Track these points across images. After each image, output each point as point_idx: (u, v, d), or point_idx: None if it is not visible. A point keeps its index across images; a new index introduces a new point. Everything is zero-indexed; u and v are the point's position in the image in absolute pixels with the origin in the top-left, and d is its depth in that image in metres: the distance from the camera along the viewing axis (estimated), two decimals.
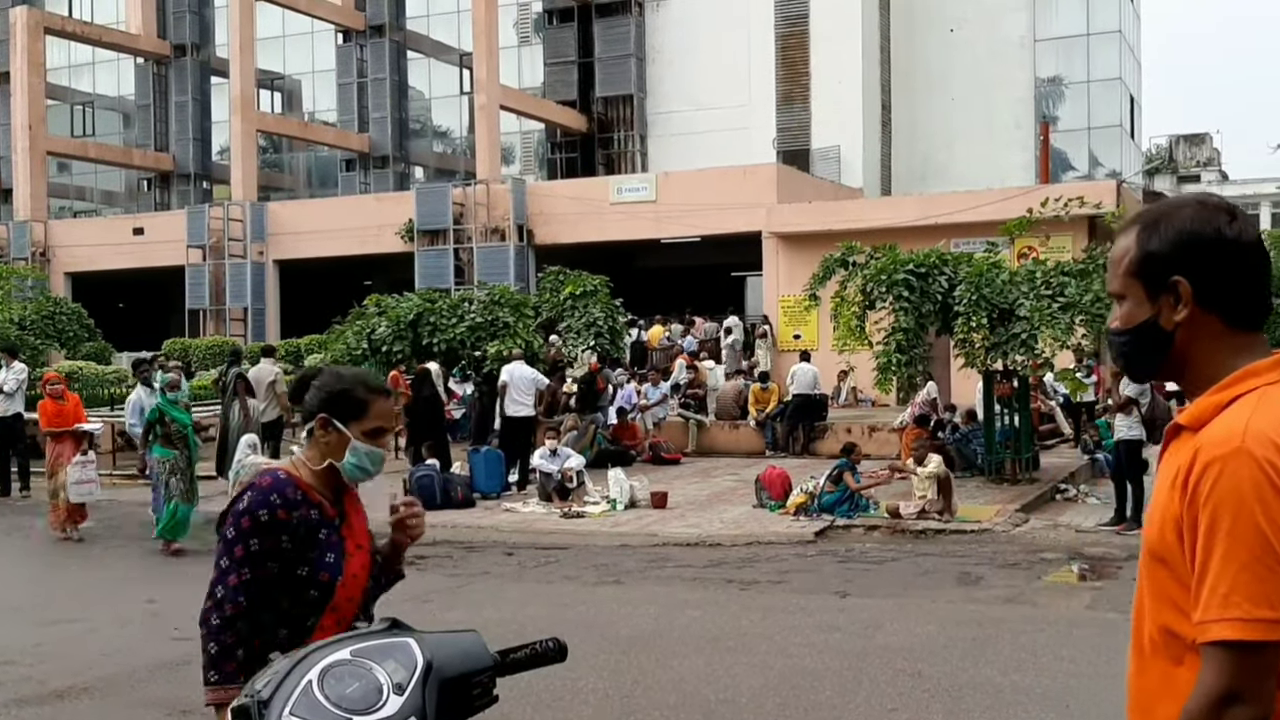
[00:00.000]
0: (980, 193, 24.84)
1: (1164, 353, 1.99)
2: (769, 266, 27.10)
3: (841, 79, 34.23)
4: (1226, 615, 1.77)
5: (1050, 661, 7.85)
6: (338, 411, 3.16)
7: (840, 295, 16.44)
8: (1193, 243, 1.93)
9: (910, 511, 13.68)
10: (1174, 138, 56.27)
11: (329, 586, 3.09)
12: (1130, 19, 39.30)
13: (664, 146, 36.93)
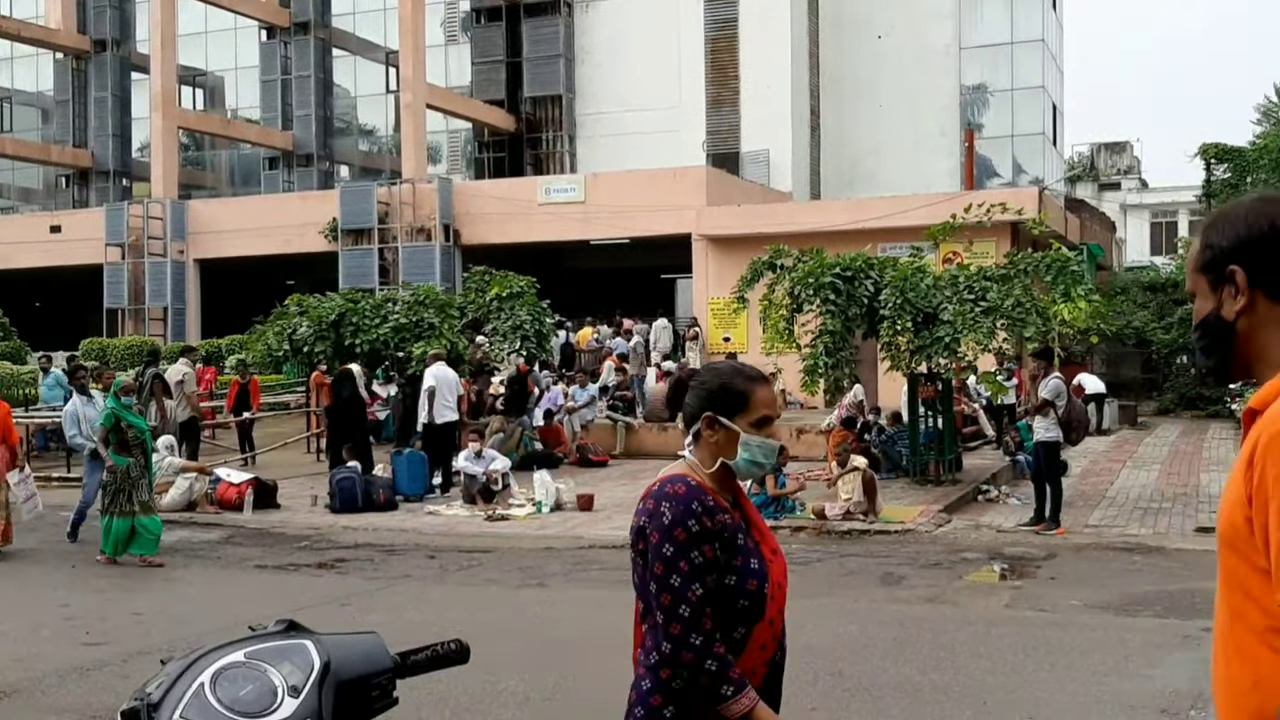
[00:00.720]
0: (907, 198, 25.10)
1: (1230, 344, 2.00)
2: (699, 269, 27.15)
3: (771, 83, 34.40)
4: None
5: (969, 660, 7.92)
6: (721, 407, 3.02)
7: (768, 298, 16.50)
8: (1249, 233, 1.96)
9: (835, 513, 13.76)
10: (1095, 146, 57.35)
11: (758, 595, 2.91)
12: (1053, 28, 40.00)
13: (593, 147, 36.87)
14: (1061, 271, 16.23)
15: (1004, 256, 17.95)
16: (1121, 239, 49.83)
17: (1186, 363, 31.36)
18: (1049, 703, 6.96)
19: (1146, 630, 8.74)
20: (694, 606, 2.83)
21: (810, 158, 36.16)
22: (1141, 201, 56.24)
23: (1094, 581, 10.70)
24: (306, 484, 16.87)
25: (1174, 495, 16.04)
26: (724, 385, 3.05)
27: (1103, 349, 29.98)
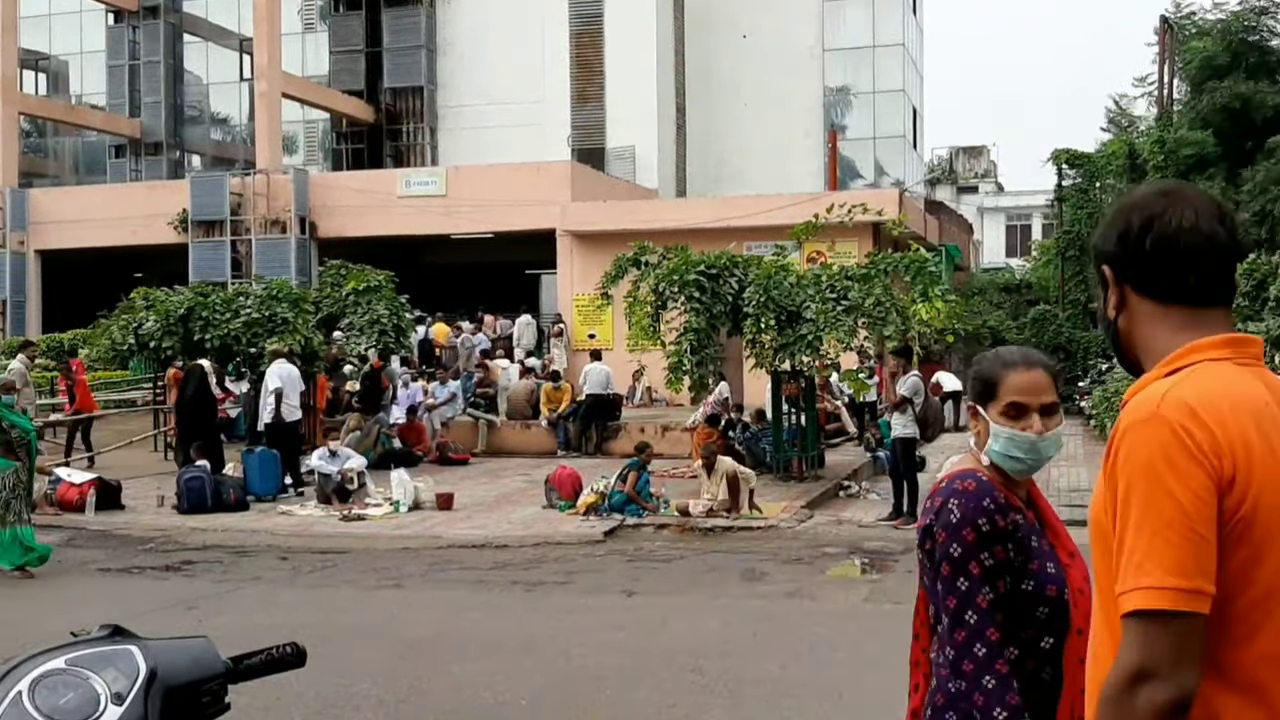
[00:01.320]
0: (771, 197, 25.32)
1: (1119, 342, 2.02)
2: (563, 265, 26.98)
3: (636, 80, 34.39)
4: (1139, 584, 1.72)
5: (826, 653, 7.97)
6: (978, 395, 2.81)
7: (633, 295, 16.43)
8: (1114, 232, 1.99)
9: (699, 510, 13.75)
10: (954, 149, 58.88)
11: (1059, 603, 2.63)
12: (913, 33, 40.90)
13: (455, 140, 36.38)
14: (920, 272, 16.51)
15: (865, 256, 18.18)
16: (979, 241, 51.26)
17: None
18: (903, 695, 6.93)
19: None
20: (982, 614, 2.58)
21: (676, 155, 36.27)
22: (998, 205, 57.97)
23: None
24: (153, 484, 16.31)
25: None
26: (980, 372, 2.86)
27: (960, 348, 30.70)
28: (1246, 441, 1.76)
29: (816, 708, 6.76)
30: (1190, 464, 1.74)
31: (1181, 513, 1.72)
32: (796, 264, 17.69)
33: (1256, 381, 1.86)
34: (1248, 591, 1.75)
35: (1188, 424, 1.76)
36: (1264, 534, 1.75)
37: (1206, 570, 1.72)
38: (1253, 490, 1.75)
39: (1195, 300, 1.93)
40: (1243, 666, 1.76)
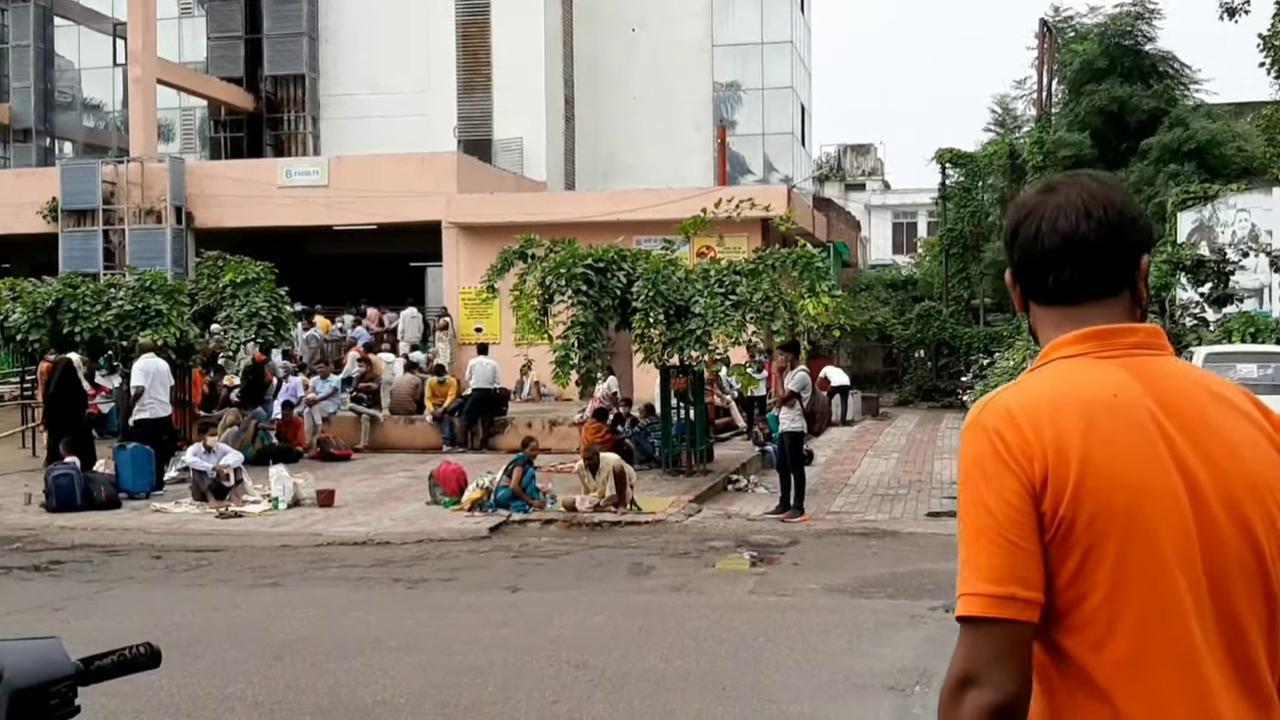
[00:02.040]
0: (661, 191, 25.33)
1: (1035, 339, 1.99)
2: (449, 257, 26.66)
3: (524, 71, 34.11)
4: (960, 590, 1.73)
5: (712, 646, 7.98)
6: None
7: (519, 288, 16.27)
8: (1006, 235, 1.99)
9: (586, 505, 13.68)
10: (842, 147, 59.73)
11: None
12: (801, 31, 41.31)
13: (338, 130, 35.65)
14: (807, 267, 16.66)
15: (753, 252, 18.27)
16: (866, 238, 52.07)
17: (924, 356, 32.99)
18: (786, 685, 7.06)
19: (879, 611, 8.99)
20: None
21: (565, 148, 36.09)
22: (885, 202, 58.98)
23: (833, 566, 10.96)
24: (20, 481, 15.79)
25: (909, 482, 16.70)
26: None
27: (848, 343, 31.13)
28: (1065, 442, 1.72)
29: (698, 700, 6.76)
30: (1001, 470, 1.73)
31: (993, 520, 1.72)
32: (685, 258, 17.72)
33: (1115, 374, 1.81)
34: (1093, 593, 1.72)
35: (1001, 429, 1.75)
36: (1098, 533, 1.71)
37: (1020, 577, 1.70)
38: (1068, 493, 1.71)
39: (1064, 299, 1.90)
40: (1100, 670, 1.73)
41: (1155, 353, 1.85)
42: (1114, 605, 1.72)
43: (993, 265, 31.57)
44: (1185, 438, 1.76)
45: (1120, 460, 1.73)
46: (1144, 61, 29.65)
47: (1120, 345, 1.84)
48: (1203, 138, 26.40)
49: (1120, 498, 1.71)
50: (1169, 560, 1.72)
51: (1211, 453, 1.77)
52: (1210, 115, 28.10)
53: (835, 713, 6.68)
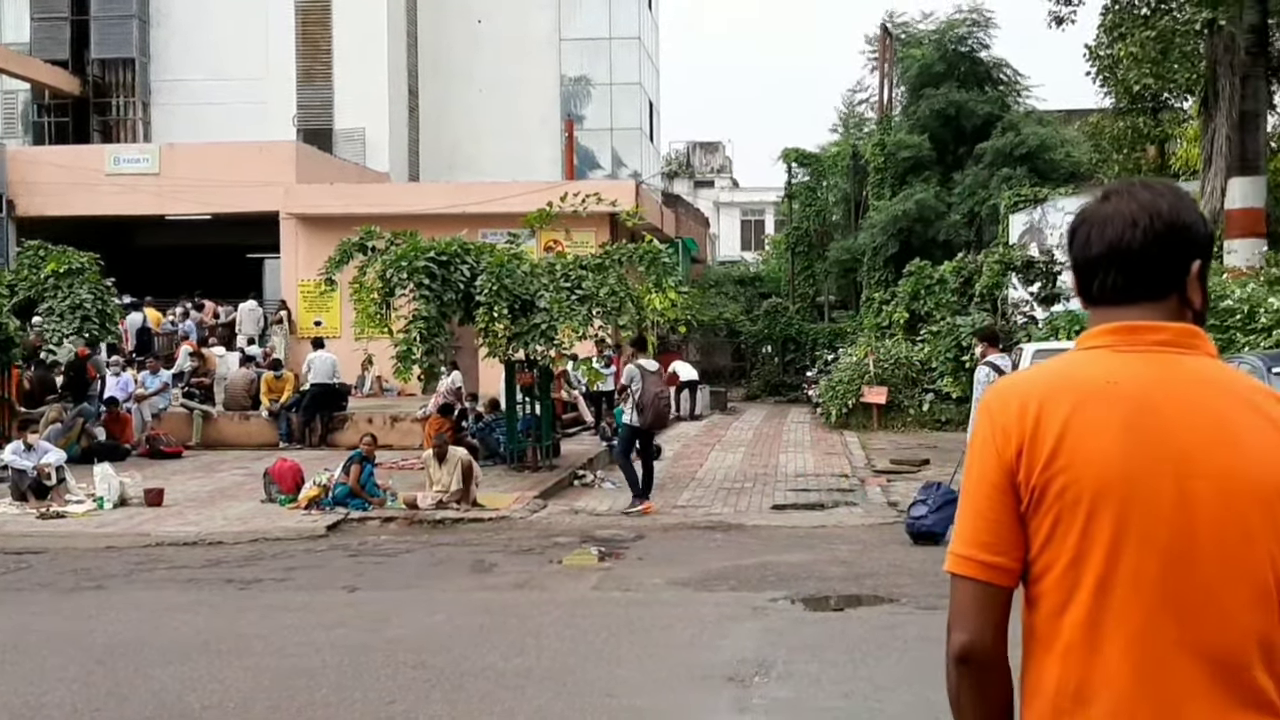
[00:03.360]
0: (507, 184, 25.17)
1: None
2: (287, 249, 26.03)
3: (366, 60, 33.44)
4: (950, 549, 1.94)
5: (553, 642, 7.92)
6: None
7: (359, 281, 15.90)
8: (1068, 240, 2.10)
9: (428, 503, 13.48)
10: (691, 144, 60.24)
11: None
12: (649, 27, 41.48)
13: (170, 116, 34.35)
14: (653, 263, 16.73)
15: (600, 246, 18.26)
16: (715, 234, 52.63)
17: (770, 352, 33.52)
18: (627, 679, 7.04)
19: (721, 604, 9.01)
20: None
21: (409, 139, 35.50)
22: (733, 199, 59.71)
23: (678, 560, 10.97)
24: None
25: (755, 476, 16.88)
26: None
27: (696, 338, 31.41)
28: (1045, 419, 1.87)
29: (538, 697, 6.69)
30: (984, 444, 1.93)
31: (972, 488, 1.93)
32: (531, 253, 17.59)
33: (1125, 365, 1.92)
34: (1059, 561, 1.87)
35: (992, 406, 1.94)
36: (1066, 504, 1.85)
37: (986, 543, 1.89)
38: (1041, 464, 1.86)
39: (1109, 301, 2.00)
40: (1059, 635, 1.87)
41: (1183, 351, 1.93)
42: (1075, 573, 1.85)
43: (837, 263, 32.27)
44: (1186, 430, 1.86)
45: (1101, 441, 1.85)
46: (979, 68, 30.64)
47: (1144, 341, 1.93)
48: (1033, 143, 27.40)
49: (1093, 474, 1.84)
50: (1136, 540, 1.83)
51: (1214, 447, 1.85)
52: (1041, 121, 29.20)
53: (675, 705, 6.67)
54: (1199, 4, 16.87)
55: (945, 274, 23.58)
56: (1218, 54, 18.37)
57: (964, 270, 20.76)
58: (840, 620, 8.72)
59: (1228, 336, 15.70)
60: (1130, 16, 19.00)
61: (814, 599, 9.13)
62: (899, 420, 22.39)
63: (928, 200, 27.26)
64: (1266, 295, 15.67)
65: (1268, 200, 18.27)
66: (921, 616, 8.34)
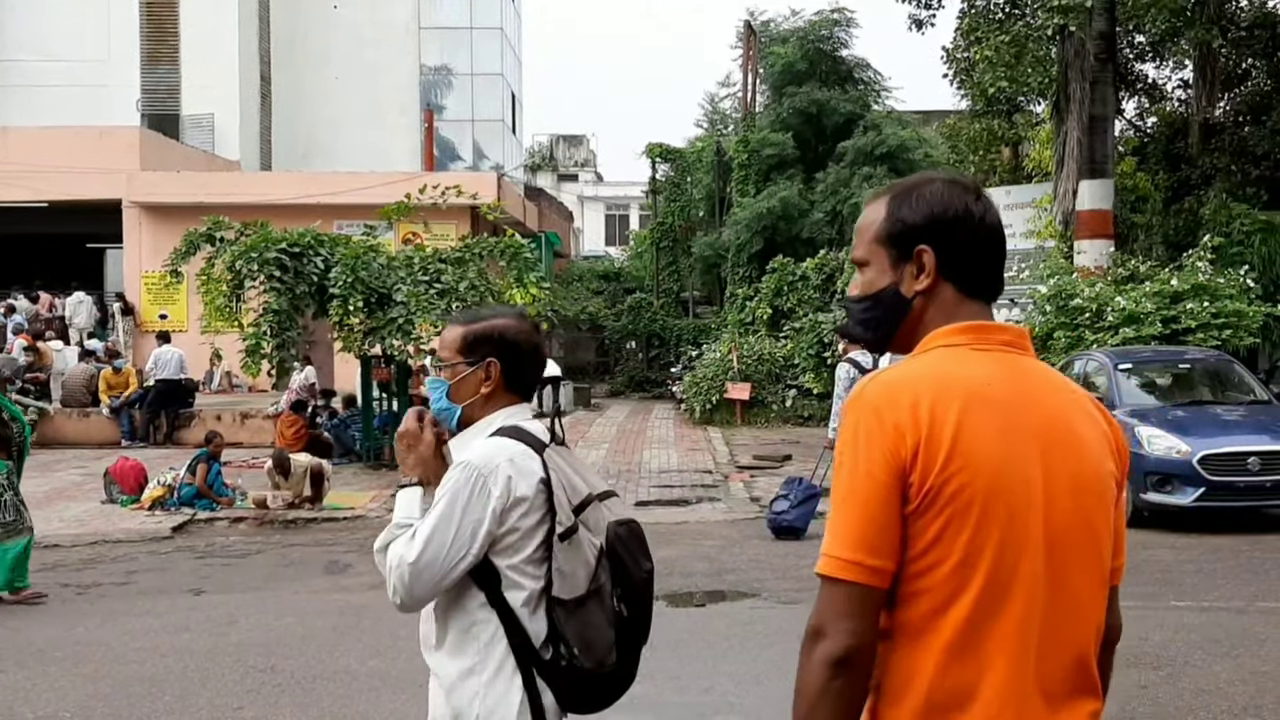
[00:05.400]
0: (364, 175, 24.64)
1: (900, 320, 2.05)
2: (130, 239, 25.12)
3: (215, 44, 32.33)
4: (822, 550, 1.88)
5: (409, 644, 7.47)
6: None
7: (207, 273, 15.33)
8: (942, 215, 2.01)
9: (279, 503, 13.14)
10: (554, 137, 59.90)
11: None
12: (511, 18, 41.13)
13: (4, 99, 32.61)
14: (515, 257, 16.59)
15: (460, 240, 17.97)
16: (579, 229, 52.46)
17: (635, 347, 33.47)
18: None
19: None
20: None
21: (260, 126, 34.48)
22: (597, 194, 59.62)
23: None
24: None
25: (619, 472, 16.78)
26: None
27: (560, 333, 31.17)
28: (940, 419, 1.86)
29: (393, 700, 6.51)
30: (871, 442, 1.86)
31: (856, 489, 1.86)
32: (389, 245, 17.21)
33: (994, 365, 1.95)
34: (947, 560, 1.85)
35: (879, 404, 1.88)
36: (960, 506, 1.85)
37: (872, 545, 1.84)
38: (937, 465, 1.84)
39: (986, 296, 2.06)
40: (939, 634, 1.86)
41: (1021, 352, 2.01)
42: (964, 572, 1.85)
43: (701, 259, 32.38)
44: (1044, 433, 1.92)
45: (987, 443, 1.86)
46: (841, 67, 31.02)
47: (994, 341, 1.99)
48: (893, 143, 27.83)
49: (984, 476, 1.85)
50: (1019, 540, 1.87)
51: (1066, 449, 1.93)
52: (901, 122, 29.68)
53: None
54: (1051, 10, 17.26)
55: (808, 271, 23.82)
56: (1069, 60, 18.87)
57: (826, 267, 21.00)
58: (703, 616, 8.64)
59: (1077, 334, 16.17)
60: (986, 21, 19.38)
61: (677, 595, 9.04)
62: (762, 416, 22.54)
63: (791, 198, 27.48)
64: (1114, 295, 16.15)
65: (1115, 202, 18.84)
66: (782, 611, 8.37)
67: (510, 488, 2.73)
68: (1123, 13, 19.94)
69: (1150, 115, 23.50)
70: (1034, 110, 24.04)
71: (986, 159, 25.22)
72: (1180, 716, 6.10)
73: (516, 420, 2.90)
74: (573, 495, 2.83)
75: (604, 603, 2.81)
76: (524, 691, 2.73)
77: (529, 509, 2.75)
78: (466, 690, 2.76)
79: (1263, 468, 11.28)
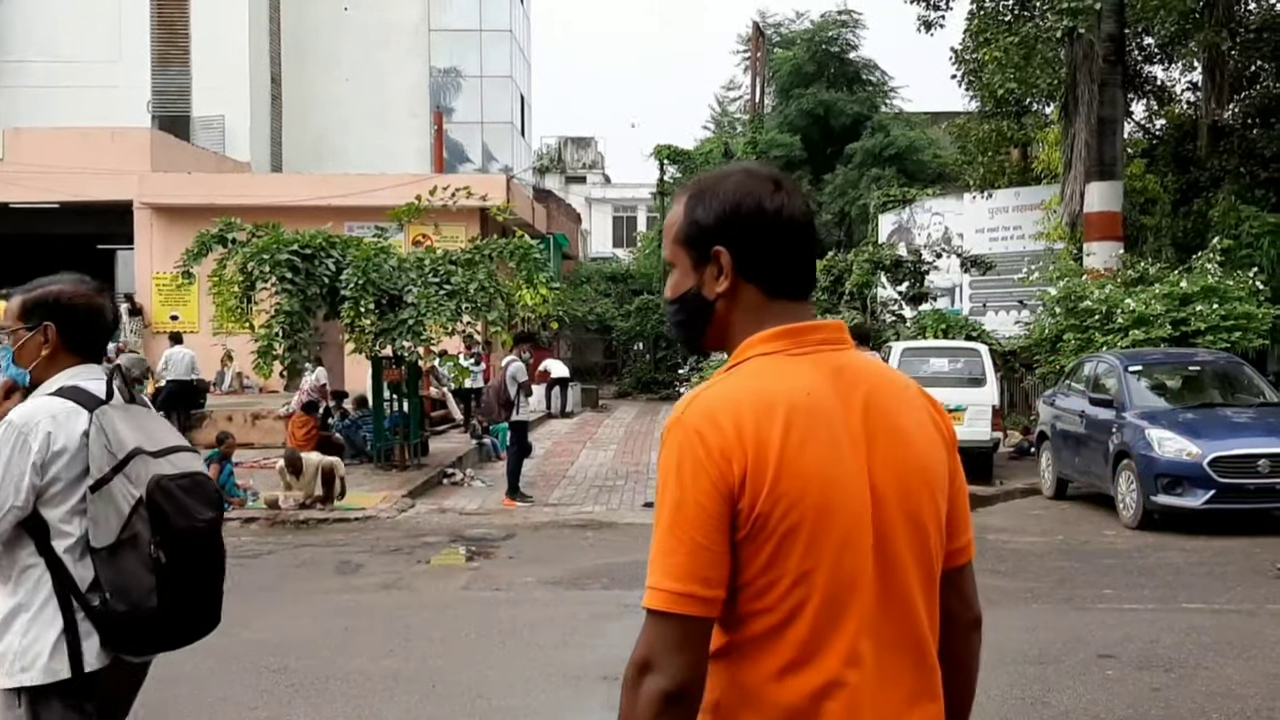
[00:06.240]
0: (375, 177, 24.66)
1: (707, 323, 1.98)
2: (141, 240, 25.13)
3: (226, 45, 32.26)
4: (648, 583, 1.81)
5: (422, 644, 7.77)
6: None
7: (219, 274, 15.38)
8: (735, 213, 1.93)
9: (290, 503, 13.12)
10: (563, 139, 59.86)
11: None
12: (520, 20, 41.10)
13: (14, 100, 32.58)
14: (524, 258, 16.60)
15: (470, 241, 18.01)
16: (587, 230, 52.44)
17: (642, 349, 33.48)
18: (497, 680, 6.89)
19: (593, 602, 8.93)
20: None
21: (271, 128, 34.45)
22: (605, 196, 59.57)
23: (549, 558, 10.83)
24: None
25: (627, 473, 16.81)
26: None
27: (568, 335, 31.22)
28: (765, 440, 1.80)
29: (406, 699, 6.52)
30: (697, 470, 1.79)
31: (684, 519, 1.78)
32: (399, 247, 17.26)
33: (813, 371, 1.89)
34: (783, 579, 1.81)
35: (703, 429, 1.80)
36: (790, 526, 1.80)
37: (703, 576, 1.78)
38: (764, 490, 1.79)
39: (797, 294, 1.97)
40: (779, 651, 1.82)
41: (837, 347, 1.94)
42: (800, 590, 1.81)
43: None
44: (867, 431, 1.87)
45: (813, 456, 1.81)
46: (848, 68, 31.07)
47: (810, 342, 1.92)
48: (902, 144, 27.89)
49: (812, 492, 1.80)
50: (851, 547, 1.83)
51: (889, 443, 1.89)
52: (909, 123, 29.72)
53: (547, 705, 6.53)
54: (1060, 12, 17.28)
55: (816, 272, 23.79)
56: (1077, 61, 18.88)
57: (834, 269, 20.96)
58: None
59: (1087, 336, 16.16)
60: (995, 22, 19.42)
61: None
62: None
63: None
64: (1123, 296, 16.14)
65: (1124, 204, 18.83)
66: None
67: (49, 442, 2.97)
68: (1131, 15, 19.93)
69: (1159, 117, 23.47)
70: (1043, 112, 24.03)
71: (995, 160, 25.21)
72: (1192, 719, 6.12)
73: (77, 380, 3.10)
74: (118, 449, 3.02)
75: (140, 550, 3.01)
76: (63, 630, 2.99)
77: (70, 461, 2.99)
78: (13, 627, 3.03)
79: (1273, 470, 11.28)
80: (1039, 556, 10.68)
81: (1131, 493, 11.98)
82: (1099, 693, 6.48)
